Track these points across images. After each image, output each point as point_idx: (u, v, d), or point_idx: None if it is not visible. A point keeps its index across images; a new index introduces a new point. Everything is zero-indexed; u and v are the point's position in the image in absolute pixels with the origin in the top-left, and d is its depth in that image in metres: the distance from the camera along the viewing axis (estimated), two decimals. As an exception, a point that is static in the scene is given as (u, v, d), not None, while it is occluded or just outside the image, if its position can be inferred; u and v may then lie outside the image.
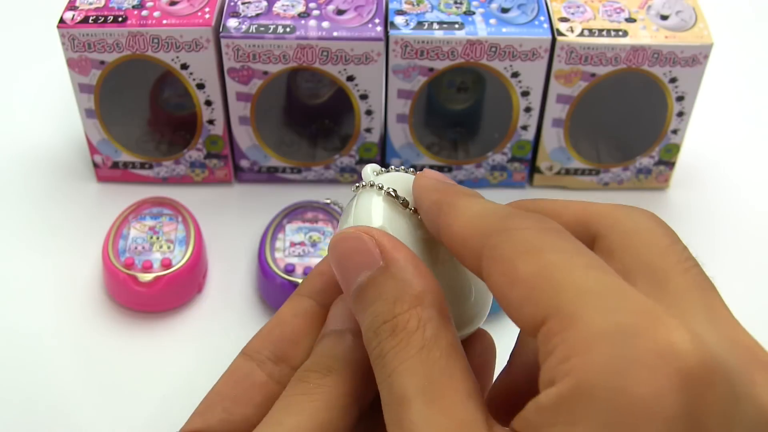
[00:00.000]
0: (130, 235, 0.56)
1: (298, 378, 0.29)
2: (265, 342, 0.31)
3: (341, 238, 0.28)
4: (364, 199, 0.30)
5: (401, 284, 0.26)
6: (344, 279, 0.27)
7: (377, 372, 0.25)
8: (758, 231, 0.62)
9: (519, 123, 0.61)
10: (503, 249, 0.24)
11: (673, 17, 0.58)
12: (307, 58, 0.56)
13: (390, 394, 0.24)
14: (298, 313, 0.32)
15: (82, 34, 0.56)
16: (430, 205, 0.28)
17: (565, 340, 0.21)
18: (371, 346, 0.25)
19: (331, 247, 0.28)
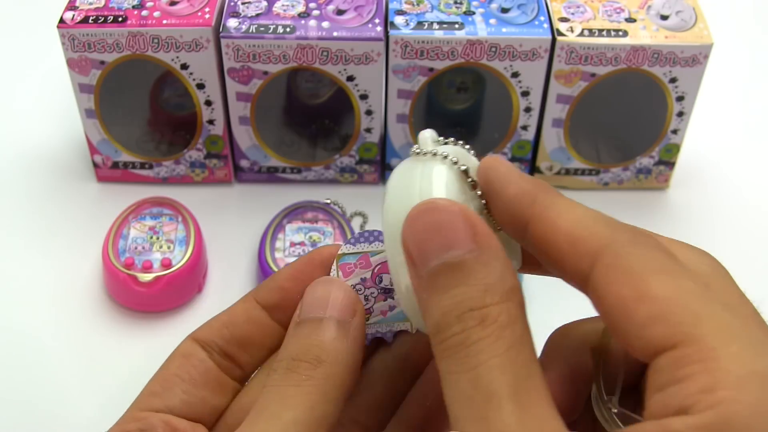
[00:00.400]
0: (130, 235, 0.56)
1: (287, 367, 0.28)
2: (215, 336, 0.31)
3: (431, 208, 0.25)
4: (431, 171, 0.27)
5: (494, 274, 0.24)
6: (421, 250, 0.25)
7: (451, 359, 0.24)
8: (758, 231, 0.62)
9: (519, 123, 0.61)
10: (632, 261, 0.23)
11: (673, 17, 0.58)
12: (307, 58, 0.56)
13: (474, 387, 0.23)
14: (250, 319, 0.32)
15: (82, 34, 0.56)
16: (518, 193, 0.26)
17: (710, 371, 0.21)
18: (449, 330, 0.24)
19: (415, 214, 0.25)
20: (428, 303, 0.25)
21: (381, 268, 0.32)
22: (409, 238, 0.26)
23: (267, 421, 0.27)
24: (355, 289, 0.31)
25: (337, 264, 0.32)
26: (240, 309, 0.32)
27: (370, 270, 0.32)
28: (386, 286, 0.32)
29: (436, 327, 0.24)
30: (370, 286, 0.32)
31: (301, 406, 0.27)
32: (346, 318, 0.29)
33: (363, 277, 0.32)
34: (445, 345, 0.24)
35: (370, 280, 0.32)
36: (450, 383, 0.24)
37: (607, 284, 0.23)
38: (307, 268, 0.32)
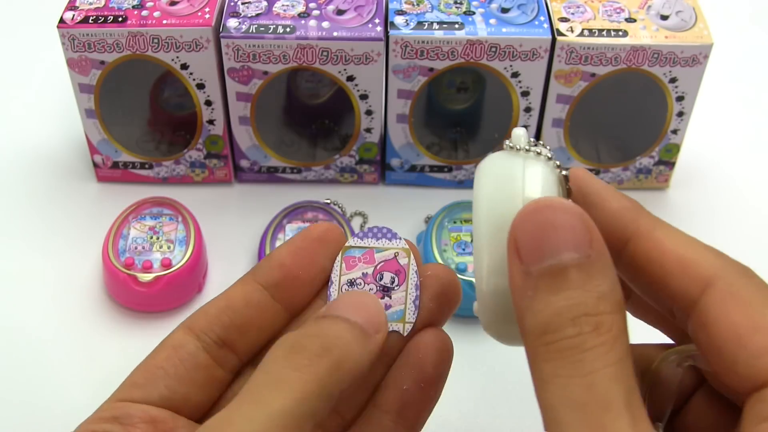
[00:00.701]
0: (130, 235, 0.56)
1: (292, 346, 0.27)
2: (212, 324, 0.30)
3: (551, 206, 0.25)
4: (537, 170, 0.27)
5: (607, 283, 0.24)
6: (535, 247, 0.25)
7: (561, 362, 0.23)
8: (758, 231, 0.62)
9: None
10: (746, 292, 0.24)
11: (673, 17, 0.58)
12: (307, 58, 0.56)
13: (589, 393, 0.23)
14: (250, 302, 0.31)
15: (82, 34, 0.56)
16: (620, 208, 0.28)
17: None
18: (562, 332, 0.23)
19: (533, 210, 0.25)
20: (535, 301, 0.24)
21: (383, 266, 0.32)
22: (521, 232, 0.25)
23: (255, 407, 0.25)
24: (355, 284, 0.32)
25: (341, 256, 0.32)
26: (239, 292, 0.31)
27: (372, 266, 0.32)
28: (385, 284, 0.32)
29: (544, 326, 0.24)
30: (370, 282, 0.32)
31: (294, 396, 0.25)
32: (370, 330, 0.29)
33: (365, 272, 0.32)
34: (555, 346, 0.24)
35: (371, 276, 0.32)
36: (557, 386, 0.23)
37: (722, 311, 0.24)
38: (305, 243, 0.32)
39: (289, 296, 0.31)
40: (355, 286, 0.32)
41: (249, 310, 0.31)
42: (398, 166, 0.64)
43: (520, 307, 0.25)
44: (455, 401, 0.51)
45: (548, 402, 0.23)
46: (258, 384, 0.26)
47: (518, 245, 0.25)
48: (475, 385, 0.51)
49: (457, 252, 0.55)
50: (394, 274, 0.32)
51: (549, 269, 0.24)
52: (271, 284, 0.31)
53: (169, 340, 0.30)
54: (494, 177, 0.27)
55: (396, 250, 0.32)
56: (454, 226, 0.57)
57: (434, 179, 0.64)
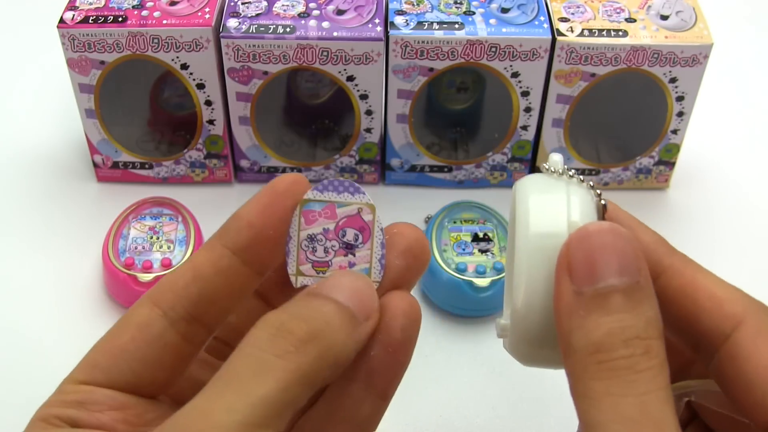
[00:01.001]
0: (130, 235, 0.56)
1: (278, 329, 0.26)
2: (180, 298, 0.28)
3: (609, 230, 0.26)
4: (579, 195, 0.28)
5: (654, 309, 0.25)
6: (590, 268, 0.25)
7: (614, 380, 0.24)
8: (758, 231, 0.62)
9: (519, 123, 0.61)
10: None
11: (673, 17, 0.58)
12: (307, 58, 0.56)
13: (643, 413, 0.24)
14: (220, 270, 0.29)
15: (82, 34, 0.56)
16: (655, 242, 0.28)
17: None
18: (615, 352, 0.24)
19: (591, 233, 0.26)
20: (586, 320, 0.25)
21: (346, 222, 0.30)
22: (576, 253, 0.26)
23: (236, 396, 0.24)
24: (315, 240, 0.30)
25: (300, 209, 0.30)
26: (205, 260, 0.29)
27: (334, 222, 0.30)
28: (348, 242, 0.30)
29: (597, 346, 0.25)
30: (332, 238, 0.30)
31: (277, 385, 0.24)
32: (360, 316, 0.28)
33: (326, 227, 0.30)
34: (608, 365, 0.24)
35: (332, 232, 0.30)
36: (609, 404, 0.24)
37: (754, 347, 0.25)
38: (273, 200, 0.29)
39: (260, 258, 0.29)
40: (316, 243, 0.30)
41: (219, 279, 0.29)
42: (398, 166, 0.64)
43: (568, 325, 0.25)
44: (455, 401, 0.51)
45: (597, 419, 0.24)
46: (238, 369, 0.25)
47: (571, 266, 0.26)
48: (475, 385, 0.51)
49: (457, 252, 0.55)
50: (357, 231, 0.30)
51: (602, 291, 0.25)
52: (240, 248, 0.29)
53: (134, 317, 0.28)
54: (538, 198, 0.28)
55: (359, 206, 0.30)
56: (454, 226, 0.57)
57: (434, 179, 0.64)
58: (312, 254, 0.30)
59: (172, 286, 0.29)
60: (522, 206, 0.28)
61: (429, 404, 0.50)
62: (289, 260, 0.30)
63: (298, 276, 0.30)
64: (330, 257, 0.30)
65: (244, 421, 0.24)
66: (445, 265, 0.54)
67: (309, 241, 0.30)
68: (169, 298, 0.28)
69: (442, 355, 0.53)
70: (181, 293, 0.28)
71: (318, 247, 0.30)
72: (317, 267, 0.30)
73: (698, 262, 0.29)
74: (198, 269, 0.29)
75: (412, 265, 0.31)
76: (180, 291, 0.28)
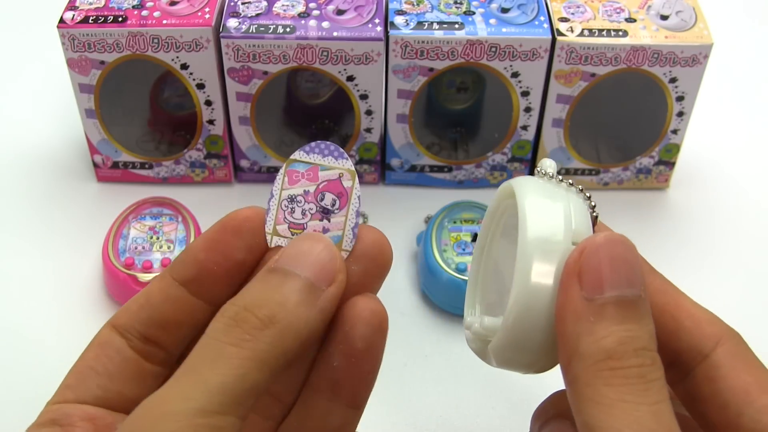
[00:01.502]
0: (130, 235, 0.56)
1: (234, 318, 0.26)
2: (133, 321, 0.30)
3: (620, 241, 0.27)
4: (578, 206, 0.28)
5: (653, 324, 0.26)
6: (599, 277, 0.26)
7: (628, 387, 0.25)
8: (758, 231, 0.62)
9: (519, 123, 0.61)
10: (751, 355, 0.28)
11: (673, 17, 0.58)
12: (307, 58, 0.56)
13: (657, 421, 0.24)
14: (168, 298, 0.30)
15: (82, 34, 0.56)
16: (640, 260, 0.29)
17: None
18: (627, 360, 0.25)
19: (603, 243, 0.27)
20: (597, 327, 0.26)
21: (326, 186, 0.30)
22: (590, 260, 0.26)
23: (192, 384, 0.25)
24: (295, 201, 0.30)
25: (285, 168, 0.30)
26: (156, 288, 0.30)
27: (315, 184, 0.30)
28: (326, 206, 0.30)
29: (608, 352, 0.25)
30: (311, 201, 0.30)
31: (234, 372, 0.25)
32: (321, 284, 0.27)
33: (306, 189, 0.30)
34: (621, 372, 0.25)
35: (312, 195, 0.30)
36: (624, 411, 0.24)
37: (732, 368, 0.27)
38: (221, 236, 0.30)
39: (206, 291, 0.30)
40: (295, 203, 0.30)
41: (167, 306, 0.30)
42: (398, 166, 0.64)
43: (574, 330, 0.26)
44: (455, 401, 0.51)
45: (611, 424, 0.24)
46: (195, 359, 0.25)
47: (582, 272, 0.26)
48: (475, 385, 0.51)
49: (457, 252, 0.55)
50: (335, 196, 0.30)
51: (613, 300, 0.26)
52: (187, 280, 0.30)
53: (96, 338, 0.30)
54: (539, 202, 0.28)
55: (341, 171, 0.30)
56: (454, 226, 0.57)
57: (434, 179, 0.64)
58: (290, 215, 0.30)
59: (127, 310, 0.30)
60: (522, 210, 0.28)
61: (429, 404, 0.50)
62: (268, 218, 0.30)
63: (273, 236, 0.30)
64: (306, 220, 0.30)
65: (200, 408, 0.24)
66: (445, 265, 0.54)
67: (289, 201, 0.30)
68: (123, 320, 0.30)
69: (442, 355, 0.53)
70: (133, 317, 0.30)
71: (296, 208, 0.30)
72: (293, 228, 0.30)
73: (697, 263, 0.29)
74: (149, 296, 0.30)
75: (370, 269, 0.30)
76: (133, 314, 0.30)
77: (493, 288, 0.32)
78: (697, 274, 0.58)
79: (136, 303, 0.30)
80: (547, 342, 0.27)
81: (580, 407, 0.25)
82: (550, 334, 0.27)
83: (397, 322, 0.55)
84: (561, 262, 0.27)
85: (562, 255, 0.27)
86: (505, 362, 0.29)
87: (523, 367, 0.29)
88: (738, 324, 0.30)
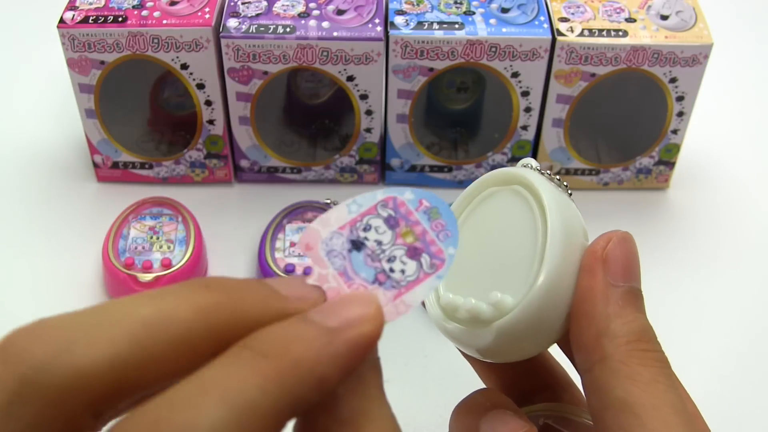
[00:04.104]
0: (130, 235, 0.56)
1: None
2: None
3: (632, 240, 0.29)
4: (574, 207, 0.30)
5: None
6: (623, 268, 0.28)
7: (658, 369, 0.26)
8: (758, 231, 0.62)
9: (519, 123, 0.61)
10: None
11: (673, 17, 0.58)
12: (307, 58, 0.56)
13: (683, 403, 0.26)
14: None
15: (82, 34, 0.56)
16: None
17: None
18: (653, 344, 0.27)
19: (625, 238, 0.29)
20: (625, 311, 0.27)
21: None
22: (616, 251, 0.28)
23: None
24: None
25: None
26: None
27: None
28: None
29: (639, 334, 0.27)
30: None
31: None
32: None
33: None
34: (651, 355, 0.27)
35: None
36: (659, 390, 0.26)
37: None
38: None
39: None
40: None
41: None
42: (398, 166, 0.64)
43: (604, 311, 0.27)
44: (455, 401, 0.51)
45: (649, 402, 0.26)
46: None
47: (608, 260, 0.28)
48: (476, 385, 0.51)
49: (457, 252, 0.55)
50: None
51: (632, 290, 0.28)
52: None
53: None
54: (554, 195, 0.29)
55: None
56: (454, 226, 0.57)
57: (434, 179, 0.64)
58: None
59: None
60: (548, 201, 0.29)
61: (429, 404, 0.50)
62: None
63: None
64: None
65: None
66: (445, 265, 0.54)
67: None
68: None
69: (442, 355, 0.53)
70: None
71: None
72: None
73: (697, 263, 0.30)
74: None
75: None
76: None
77: (461, 268, 0.31)
78: (697, 274, 0.58)
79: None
80: (555, 326, 0.28)
81: (615, 382, 0.26)
82: (562, 318, 0.28)
83: (398, 321, 0.55)
84: (578, 255, 0.28)
85: (580, 248, 0.29)
86: (507, 342, 0.29)
87: (517, 351, 0.30)
88: (738, 323, 0.30)
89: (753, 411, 0.51)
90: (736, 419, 0.50)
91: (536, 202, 0.29)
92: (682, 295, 0.57)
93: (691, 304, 0.56)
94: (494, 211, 0.31)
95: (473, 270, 0.30)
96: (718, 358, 0.53)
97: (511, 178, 0.31)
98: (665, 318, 0.56)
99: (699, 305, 0.56)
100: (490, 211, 0.31)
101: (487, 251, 0.30)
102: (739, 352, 0.53)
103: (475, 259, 0.30)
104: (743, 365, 0.53)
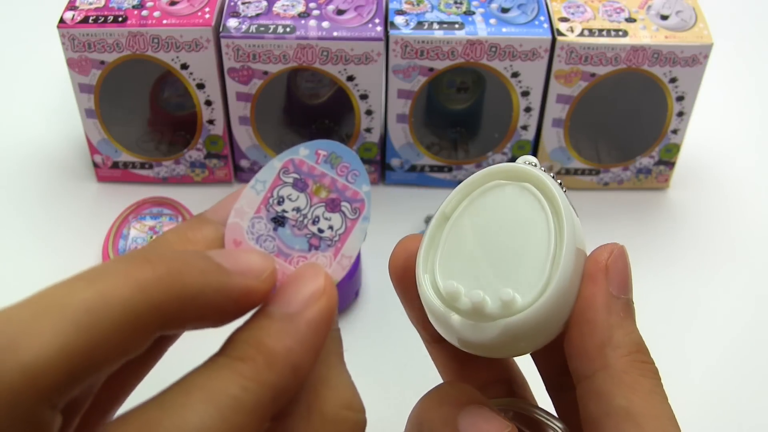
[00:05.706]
0: (130, 235, 0.56)
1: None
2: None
3: (627, 254, 0.30)
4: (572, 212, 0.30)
5: None
6: (622, 280, 0.29)
7: (656, 381, 0.27)
8: (758, 231, 0.62)
9: (519, 123, 0.61)
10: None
11: (673, 17, 0.58)
12: (307, 58, 0.56)
13: (673, 416, 0.27)
14: None
15: (82, 34, 0.56)
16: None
17: None
18: (648, 357, 0.28)
19: (623, 251, 0.29)
20: (625, 322, 0.28)
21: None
22: (617, 263, 0.29)
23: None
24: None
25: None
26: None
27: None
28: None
29: (638, 346, 0.28)
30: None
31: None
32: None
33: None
34: (649, 367, 0.28)
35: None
36: (658, 402, 0.27)
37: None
38: None
39: None
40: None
41: None
42: (398, 166, 0.64)
43: (607, 320, 0.28)
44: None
45: (651, 412, 0.27)
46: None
47: (610, 271, 0.29)
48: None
49: (457, 252, 0.55)
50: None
51: (629, 302, 0.29)
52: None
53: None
54: (567, 202, 0.30)
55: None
56: (454, 226, 0.57)
57: (434, 179, 0.64)
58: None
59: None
60: (565, 203, 0.29)
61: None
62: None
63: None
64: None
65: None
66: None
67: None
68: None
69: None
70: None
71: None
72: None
73: (697, 263, 0.30)
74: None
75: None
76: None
77: (459, 256, 0.30)
78: (696, 274, 0.58)
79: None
80: (554, 330, 0.29)
81: (617, 391, 0.27)
82: (562, 323, 0.29)
83: (398, 321, 0.55)
84: (582, 262, 0.29)
85: (582, 255, 0.29)
86: (507, 340, 0.28)
87: (510, 350, 0.30)
88: (738, 323, 0.30)
89: (753, 411, 0.51)
90: (736, 419, 0.50)
91: (549, 203, 0.29)
92: (682, 295, 0.57)
93: (690, 304, 0.56)
94: (500, 204, 0.31)
95: (473, 259, 0.30)
96: (718, 358, 0.53)
97: (521, 175, 0.30)
98: (665, 318, 0.56)
99: (699, 305, 0.56)
100: (496, 204, 0.31)
101: (490, 242, 0.30)
102: (739, 352, 0.53)
103: (476, 248, 0.30)
104: (743, 364, 0.53)
